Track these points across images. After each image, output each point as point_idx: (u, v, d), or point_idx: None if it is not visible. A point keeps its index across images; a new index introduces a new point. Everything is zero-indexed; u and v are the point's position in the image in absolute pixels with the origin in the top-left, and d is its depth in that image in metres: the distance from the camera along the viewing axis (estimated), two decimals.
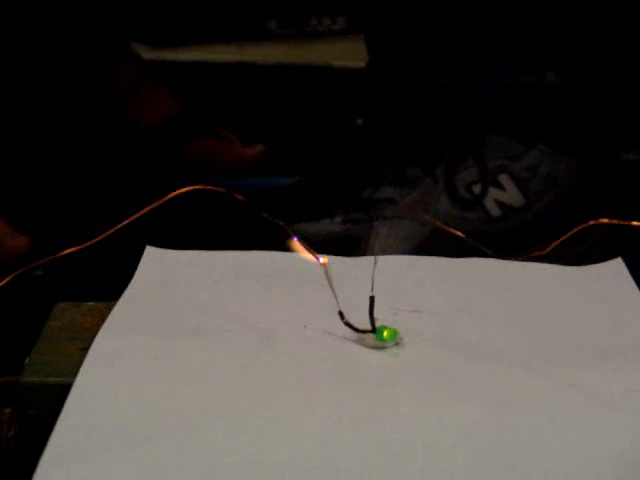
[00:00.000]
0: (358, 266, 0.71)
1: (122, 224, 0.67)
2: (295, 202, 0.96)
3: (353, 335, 0.62)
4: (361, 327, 0.61)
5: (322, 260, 0.63)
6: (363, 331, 0.61)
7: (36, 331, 0.63)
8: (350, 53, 1.03)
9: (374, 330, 0.61)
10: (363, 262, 0.72)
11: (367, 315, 0.61)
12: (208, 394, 0.56)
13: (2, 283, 0.65)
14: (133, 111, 0.94)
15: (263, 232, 0.67)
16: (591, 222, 0.70)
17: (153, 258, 0.73)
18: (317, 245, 0.65)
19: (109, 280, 0.69)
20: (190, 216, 0.83)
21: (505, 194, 0.94)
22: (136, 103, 0.94)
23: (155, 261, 0.72)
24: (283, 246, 0.68)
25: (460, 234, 0.73)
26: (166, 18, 0.99)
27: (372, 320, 0.61)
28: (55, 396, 0.55)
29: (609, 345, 0.62)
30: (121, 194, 0.89)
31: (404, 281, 0.70)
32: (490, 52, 0.97)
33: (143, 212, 0.66)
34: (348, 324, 0.62)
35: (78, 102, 0.93)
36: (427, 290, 0.70)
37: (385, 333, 0.61)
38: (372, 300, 0.61)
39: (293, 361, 0.59)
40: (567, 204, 0.94)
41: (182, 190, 0.67)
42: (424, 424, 0.53)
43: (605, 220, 0.70)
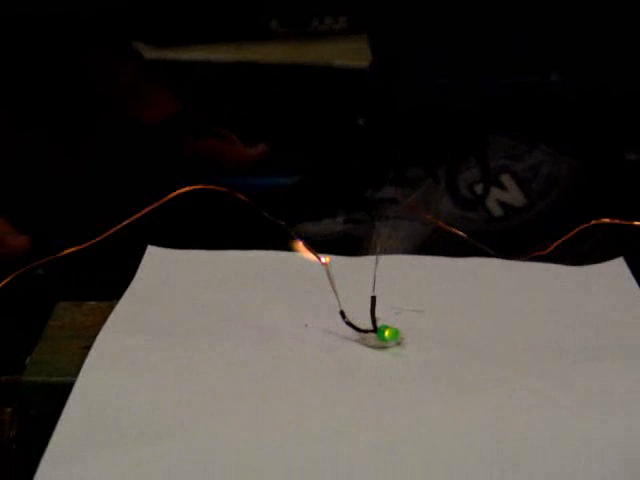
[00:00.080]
0: (360, 266, 0.71)
1: (123, 223, 0.66)
2: (297, 202, 0.96)
3: (354, 335, 0.62)
4: (362, 327, 0.61)
5: (324, 260, 0.63)
6: (365, 331, 0.61)
7: (37, 330, 0.63)
8: (352, 53, 1.03)
9: (375, 330, 0.61)
10: (365, 262, 0.72)
11: (368, 315, 0.61)
12: (209, 393, 0.55)
13: (3, 283, 0.65)
14: (134, 110, 0.94)
15: (264, 232, 0.67)
16: (593, 222, 0.70)
17: (154, 258, 0.73)
18: (319, 245, 0.65)
19: (110, 279, 0.69)
20: (191, 216, 0.83)
21: (507, 194, 0.94)
22: (137, 102, 0.94)
23: (156, 261, 0.72)
24: (284, 246, 0.68)
25: (462, 234, 0.73)
26: (168, 17, 0.99)
27: (373, 320, 0.61)
28: (56, 395, 0.55)
29: (611, 345, 0.62)
30: (122, 193, 0.89)
31: (406, 281, 0.70)
32: (492, 52, 0.97)
33: (144, 212, 0.66)
34: (349, 324, 0.62)
35: (79, 101, 0.93)
36: (429, 290, 0.70)
37: (386, 333, 0.61)
38: (373, 300, 0.61)
39: (294, 361, 0.59)
40: (569, 204, 0.94)
41: (183, 190, 0.66)
42: (425, 423, 0.53)
43: (607, 220, 0.69)
